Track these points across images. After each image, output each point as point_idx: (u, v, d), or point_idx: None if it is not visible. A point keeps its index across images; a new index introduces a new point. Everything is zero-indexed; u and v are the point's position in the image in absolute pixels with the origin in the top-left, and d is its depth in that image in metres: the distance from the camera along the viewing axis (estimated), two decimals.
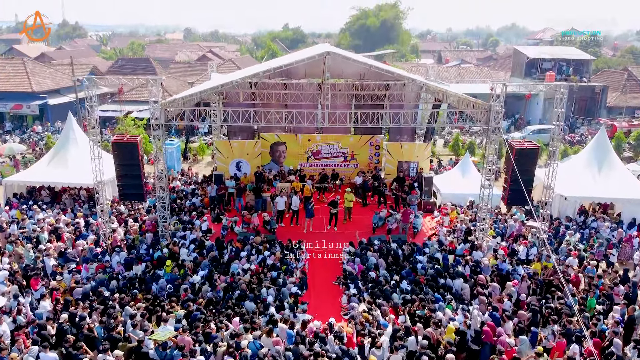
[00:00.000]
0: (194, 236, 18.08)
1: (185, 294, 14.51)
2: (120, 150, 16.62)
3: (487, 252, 17.44)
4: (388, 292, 14.81)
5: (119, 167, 16.79)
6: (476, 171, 23.53)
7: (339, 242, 18.67)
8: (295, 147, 24.99)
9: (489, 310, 13.88)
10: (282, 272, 15.89)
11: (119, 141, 16.69)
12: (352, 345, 12.60)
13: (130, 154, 16.64)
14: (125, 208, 21.48)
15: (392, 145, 24.69)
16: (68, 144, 22.87)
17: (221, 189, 21.64)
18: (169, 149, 28.84)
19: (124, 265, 16.32)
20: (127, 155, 16.66)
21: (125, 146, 16.60)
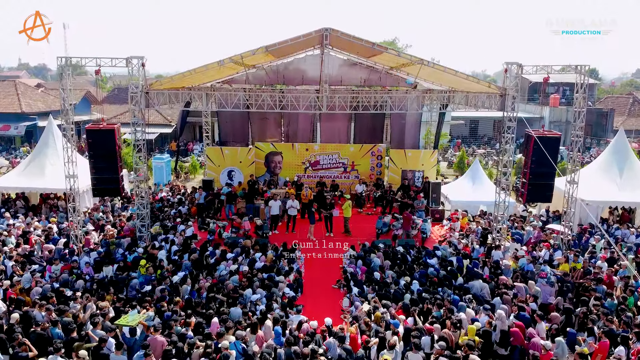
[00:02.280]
0: (176, 239, 16.10)
1: (160, 295, 12.44)
2: (94, 138, 14.93)
3: (506, 252, 15.45)
4: (397, 294, 12.77)
5: (92, 158, 15.05)
6: (487, 179, 21.79)
7: (339, 246, 16.68)
8: (292, 157, 23.39)
9: (514, 312, 11.82)
10: (273, 275, 13.85)
11: (93, 128, 15.02)
12: (357, 346, 10.49)
13: (106, 144, 14.95)
14: (104, 215, 19.55)
15: (395, 152, 23.09)
16: (47, 149, 21.18)
17: (210, 196, 19.83)
18: (158, 164, 27.27)
19: (94, 267, 14.30)
20: (103, 145, 14.96)
21: (101, 134, 14.92)
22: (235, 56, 14.61)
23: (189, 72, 14.87)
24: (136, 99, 14.85)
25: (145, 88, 15.02)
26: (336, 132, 24.57)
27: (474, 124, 46.49)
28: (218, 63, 14.77)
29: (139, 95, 14.84)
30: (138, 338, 10.19)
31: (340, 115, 24.66)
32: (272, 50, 14.99)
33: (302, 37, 14.58)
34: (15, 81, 40.55)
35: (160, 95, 15.97)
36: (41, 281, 13.27)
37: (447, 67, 14.81)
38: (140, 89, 14.81)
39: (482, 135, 45.59)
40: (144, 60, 14.54)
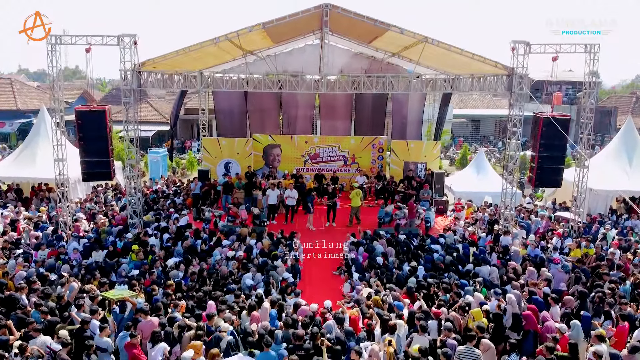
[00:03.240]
0: (169, 226, 15.43)
1: (150, 278, 11.76)
2: (84, 120, 14.31)
3: (515, 238, 14.77)
4: (401, 278, 12.09)
5: (82, 140, 14.42)
6: (492, 170, 21.15)
7: (339, 235, 15.99)
8: (291, 150, 22.74)
9: (525, 298, 11.13)
10: (270, 260, 13.17)
11: (83, 109, 14.40)
12: (358, 329, 9.80)
13: (96, 125, 14.33)
14: (96, 205, 18.87)
15: (397, 144, 22.44)
16: (38, 138, 20.57)
17: (206, 187, 19.16)
18: (154, 159, 26.65)
19: (82, 253, 13.61)
20: (93, 127, 14.34)
21: (91, 115, 14.30)
22: (231, 33, 14.04)
23: (183, 50, 14.28)
24: (128, 78, 14.23)
25: (137, 67, 14.40)
26: (336, 129, 24.02)
27: (475, 124, 46.02)
28: (213, 40, 14.19)
29: (131, 74, 14.23)
30: (126, 316, 9.55)
31: (340, 111, 24.23)
32: (269, 29, 14.41)
33: (301, 14, 14.02)
34: (12, 79, 40.12)
35: (153, 77, 15.33)
36: (26, 266, 12.60)
37: (452, 45, 14.21)
38: (132, 68, 14.19)
39: (483, 135, 45.04)
40: (136, 38, 13.97)
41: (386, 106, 24.21)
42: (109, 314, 10.42)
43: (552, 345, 8.78)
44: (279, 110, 24.15)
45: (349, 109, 24.42)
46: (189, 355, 7.96)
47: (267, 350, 8.38)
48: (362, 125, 24.20)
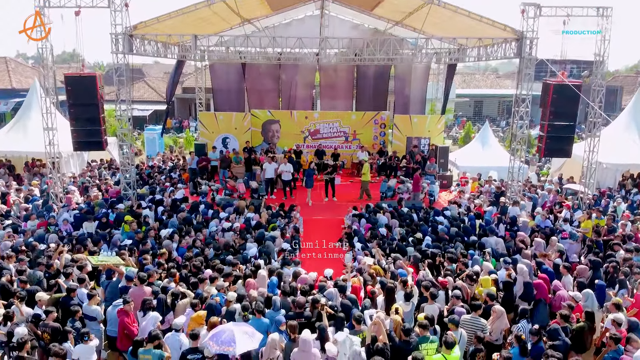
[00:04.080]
0: (165, 198, 14.89)
1: (143, 248, 11.22)
2: (74, 87, 13.68)
3: (522, 210, 14.23)
4: (403, 247, 11.56)
5: (72, 107, 13.81)
6: (497, 143, 20.55)
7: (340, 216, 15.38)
8: (291, 126, 22.11)
9: (534, 269, 10.62)
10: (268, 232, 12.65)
11: (72, 75, 13.76)
12: (359, 298, 9.31)
13: (86, 92, 13.70)
14: (90, 179, 18.30)
15: (400, 118, 21.81)
16: (30, 112, 19.92)
17: (202, 161, 18.57)
18: (150, 135, 26.05)
19: (73, 224, 13.09)
20: (83, 94, 13.71)
21: (80, 81, 13.67)
22: None
23: (176, 12, 13.60)
24: (119, 42, 13.55)
25: (128, 30, 13.72)
26: (336, 108, 23.37)
27: (478, 104, 45.30)
28: (208, 2, 13.49)
29: (123, 39, 13.55)
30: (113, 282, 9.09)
31: (340, 89, 23.62)
32: None
33: None
34: (6, 58, 39.20)
35: (147, 45, 14.65)
36: (14, 236, 12.08)
37: (459, 7, 13.53)
38: (124, 32, 13.52)
39: (486, 115, 44.34)
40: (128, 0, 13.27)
41: (388, 84, 23.60)
42: (98, 286, 9.92)
43: (567, 313, 8.29)
44: (278, 91, 23.50)
45: (350, 87, 23.81)
46: (180, 321, 7.47)
47: (259, 316, 7.91)
48: (363, 104, 23.59)
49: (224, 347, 6.33)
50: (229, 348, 6.30)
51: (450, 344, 7.05)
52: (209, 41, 17.13)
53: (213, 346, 6.47)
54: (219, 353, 6.42)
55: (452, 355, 7.01)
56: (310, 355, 7.05)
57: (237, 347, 6.30)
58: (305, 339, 7.01)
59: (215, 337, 6.60)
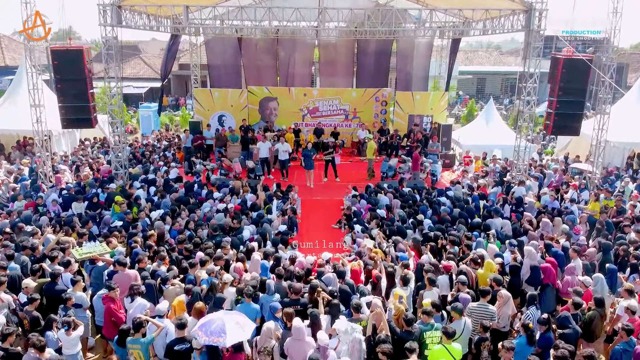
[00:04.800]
0: (158, 178, 14.38)
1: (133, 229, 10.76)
2: (60, 61, 13.05)
3: (529, 190, 13.74)
4: (403, 229, 11.09)
5: (59, 83, 13.21)
6: (502, 121, 19.93)
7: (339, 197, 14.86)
8: (289, 104, 21.43)
9: (542, 251, 10.15)
10: (265, 213, 12.18)
11: (58, 49, 13.11)
12: (359, 281, 8.88)
13: (73, 67, 13.07)
14: (82, 157, 17.76)
15: (402, 95, 21.14)
16: (19, 89, 19.23)
17: (197, 140, 17.99)
18: (145, 113, 25.42)
19: (62, 204, 12.61)
20: (70, 69, 13.09)
21: (67, 55, 13.02)
22: None
23: None
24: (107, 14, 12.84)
25: (117, 1, 13.00)
26: (336, 86, 22.65)
27: (481, 81, 44.43)
28: None
29: (111, 10, 12.85)
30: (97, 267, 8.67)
31: (340, 67, 22.89)
32: None
33: None
34: (0, 35, 38.23)
35: (136, 15, 13.93)
36: None
37: None
38: (111, 2, 12.81)
39: (489, 92, 43.53)
40: None
41: (390, 61, 22.86)
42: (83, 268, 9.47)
43: (579, 300, 7.85)
44: (275, 67, 22.76)
45: (350, 63, 23.06)
46: (164, 307, 7.05)
47: (248, 301, 7.50)
48: (364, 81, 22.87)
49: (213, 338, 5.90)
50: (219, 339, 5.86)
51: (451, 334, 6.63)
52: (201, 14, 16.38)
53: (202, 337, 6.03)
54: (208, 344, 5.98)
55: (452, 346, 6.60)
56: (304, 343, 6.65)
57: (228, 338, 5.87)
58: (298, 327, 6.61)
59: (204, 327, 6.16)
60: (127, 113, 29.56)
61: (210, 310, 7.52)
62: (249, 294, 7.51)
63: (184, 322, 6.69)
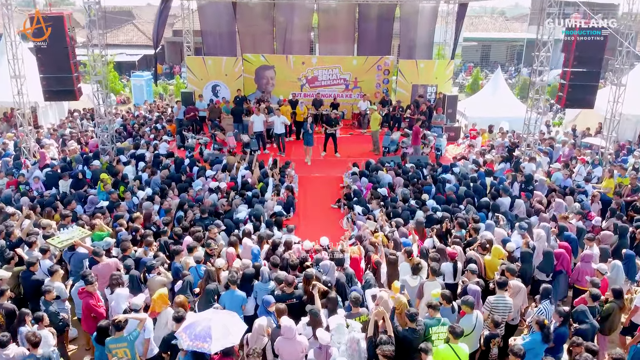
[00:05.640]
0: (147, 153, 13.65)
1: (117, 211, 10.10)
2: (40, 29, 12.11)
3: (539, 167, 13.04)
4: (407, 210, 10.44)
5: (39, 52, 12.32)
6: (510, 92, 19.02)
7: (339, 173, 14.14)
8: (286, 73, 20.46)
9: (554, 234, 9.50)
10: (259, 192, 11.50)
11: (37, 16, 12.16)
12: (360, 270, 8.29)
13: (54, 34, 12.15)
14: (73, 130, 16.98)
15: (405, 64, 20.15)
16: (2, 58, 18.23)
17: (190, 111, 17.13)
18: (137, 82, 24.45)
19: (45, 182, 11.93)
20: (51, 37, 12.17)
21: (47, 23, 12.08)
22: None
23: None
24: None
25: None
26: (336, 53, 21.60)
27: (486, 49, 43.07)
28: None
29: None
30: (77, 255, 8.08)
31: (341, 33, 21.74)
32: None
33: None
34: None
35: None
36: None
37: None
38: None
39: (494, 60, 42.27)
40: None
41: (392, 27, 21.73)
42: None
43: (597, 292, 7.26)
44: (272, 33, 21.64)
45: (351, 30, 21.91)
46: (139, 301, 6.47)
47: (233, 288, 7.05)
48: (365, 48, 21.78)
49: (197, 343, 5.32)
50: (203, 345, 5.29)
51: (459, 334, 6.05)
52: None
53: (185, 340, 5.46)
54: (191, 350, 5.40)
55: (459, 346, 6.03)
56: (295, 343, 6.11)
57: (212, 344, 5.29)
58: (287, 326, 6.05)
59: (189, 329, 5.59)
60: (119, 82, 28.61)
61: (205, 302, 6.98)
62: (232, 281, 7.06)
63: (182, 315, 6.16)
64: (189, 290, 7.33)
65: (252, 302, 7.44)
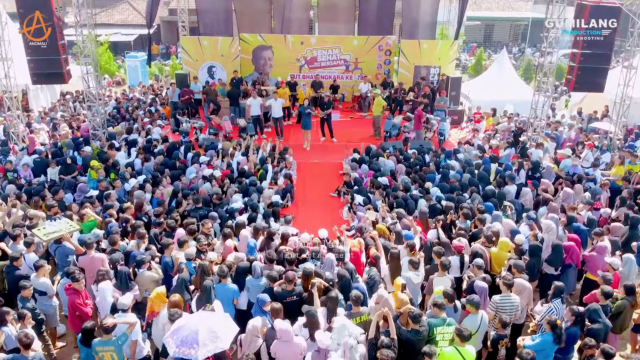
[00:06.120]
0: (140, 139, 13.18)
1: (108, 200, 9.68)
2: (25, 8, 11.54)
3: (546, 153, 12.58)
4: (410, 200, 10.02)
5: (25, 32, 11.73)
6: (516, 74, 18.41)
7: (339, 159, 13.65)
8: (285, 53, 19.82)
9: (563, 224, 9.09)
10: (256, 179, 11.06)
11: None
12: (361, 264, 7.91)
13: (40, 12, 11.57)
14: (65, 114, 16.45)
15: (407, 44, 19.48)
16: None
17: (185, 94, 16.57)
18: (132, 64, 23.80)
19: (34, 169, 11.49)
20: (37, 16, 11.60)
21: (32, 3, 11.50)
22: None
23: None
24: None
25: None
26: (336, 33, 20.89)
27: (489, 28, 42.08)
28: None
29: None
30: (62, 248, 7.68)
31: (341, 12, 21.00)
32: None
33: None
34: None
35: None
36: None
37: None
38: None
39: (497, 40, 41.36)
40: None
41: (394, 6, 21.00)
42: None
43: (609, 289, 6.88)
44: (270, 12, 20.90)
45: (352, 9, 21.17)
46: (127, 300, 6.11)
47: (224, 281, 6.78)
48: (366, 27, 21.06)
49: (183, 350, 4.97)
50: (190, 351, 4.93)
51: (466, 337, 5.70)
52: None
53: (172, 346, 5.10)
54: (177, 357, 5.04)
55: (466, 349, 5.68)
56: (293, 345, 5.77)
57: (199, 350, 4.93)
58: (283, 329, 5.70)
59: (176, 334, 5.22)
60: (114, 63, 27.92)
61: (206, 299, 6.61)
62: (222, 275, 6.76)
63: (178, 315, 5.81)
64: (185, 289, 6.93)
65: (245, 296, 7.10)
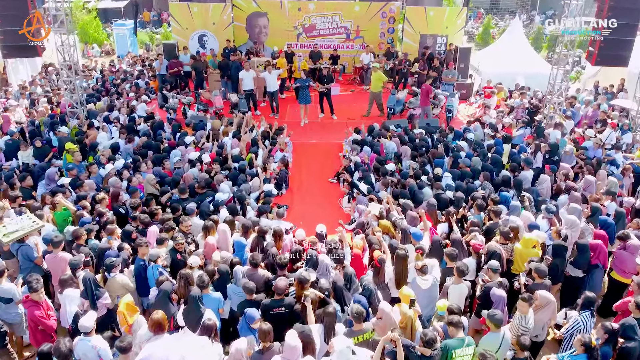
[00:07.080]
0: (121, 116, 12.11)
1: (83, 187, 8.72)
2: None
3: (565, 134, 11.55)
4: (416, 189, 9.06)
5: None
6: (529, 45, 17.16)
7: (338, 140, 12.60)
8: (281, 21, 18.51)
9: (585, 216, 8.15)
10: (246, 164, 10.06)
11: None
12: (363, 268, 7.01)
13: None
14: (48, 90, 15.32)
15: (413, 10, 18.11)
16: None
17: (174, 66, 15.37)
18: (120, 32, 22.42)
19: (5, 152, 10.50)
20: None
21: None
22: None
23: None
24: None
25: None
26: None
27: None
28: None
29: None
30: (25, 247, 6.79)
31: None
32: None
33: None
34: None
35: None
36: None
37: None
38: None
39: (504, 7, 39.51)
40: None
41: None
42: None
43: None
44: None
45: None
46: (89, 322, 5.23)
47: (206, 292, 5.92)
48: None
49: None
50: None
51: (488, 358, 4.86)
52: None
53: None
54: None
55: None
56: None
57: None
58: (292, 346, 4.85)
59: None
60: (102, 32, 26.50)
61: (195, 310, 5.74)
62: (202, 285, 5.86)
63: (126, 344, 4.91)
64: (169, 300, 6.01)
65: (227, 305, 6.27)
